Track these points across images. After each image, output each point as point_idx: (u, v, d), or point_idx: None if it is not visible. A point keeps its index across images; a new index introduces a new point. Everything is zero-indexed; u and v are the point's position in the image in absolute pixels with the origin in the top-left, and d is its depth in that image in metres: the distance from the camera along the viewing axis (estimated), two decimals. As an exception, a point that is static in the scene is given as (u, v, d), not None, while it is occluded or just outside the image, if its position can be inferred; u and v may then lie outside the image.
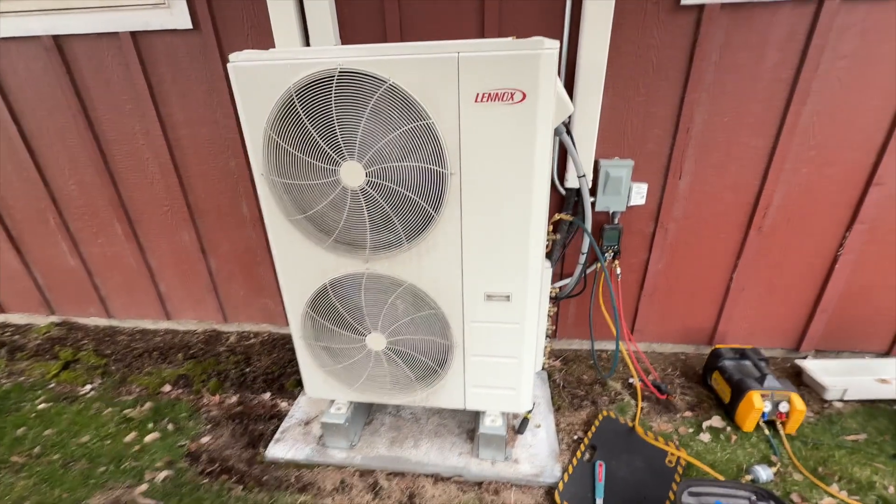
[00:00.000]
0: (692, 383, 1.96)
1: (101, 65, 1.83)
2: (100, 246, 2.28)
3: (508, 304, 1.32)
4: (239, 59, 1.12)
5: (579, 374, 2.04)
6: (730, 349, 1.88)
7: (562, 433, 1.72)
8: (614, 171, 1.71)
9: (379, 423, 1.75)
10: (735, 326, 2.07)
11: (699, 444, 1.65)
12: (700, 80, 1.60)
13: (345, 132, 1.11)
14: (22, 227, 2.28)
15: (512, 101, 1.06)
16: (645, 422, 1.76)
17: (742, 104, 1.63)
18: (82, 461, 1.65)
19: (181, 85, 1.83)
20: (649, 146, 1.74)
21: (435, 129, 1.09)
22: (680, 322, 2.10)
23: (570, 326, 2.16)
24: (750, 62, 1.57)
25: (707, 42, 1.54)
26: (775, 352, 2.12)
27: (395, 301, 1.35)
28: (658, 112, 1.67)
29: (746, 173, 1.74)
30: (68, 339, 2.42)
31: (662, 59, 1.59)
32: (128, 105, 1.89)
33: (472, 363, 1.43)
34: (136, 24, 1.72)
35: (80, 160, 2.04)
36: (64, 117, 1.94)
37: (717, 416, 1.76)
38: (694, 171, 1.76)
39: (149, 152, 1.98)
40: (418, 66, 1.04)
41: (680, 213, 1.84)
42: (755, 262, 1.89)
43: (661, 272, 1.98)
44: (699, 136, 1.69)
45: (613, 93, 1.65)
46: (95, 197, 2.13)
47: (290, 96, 1.10)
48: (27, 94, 1.92)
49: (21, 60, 1.85)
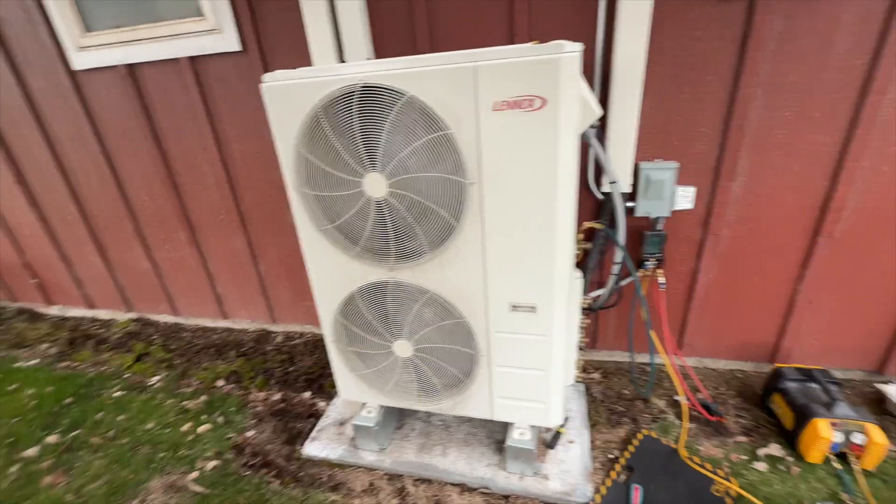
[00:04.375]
0: (749, 405, 1.78)
1: (165, 88, 2.03)
2: (167, 251, 2.52)
3: (534, 315, 1.28)
4: (271, 79, 1.19)
5: (620, 388, 1.93)
6: (794, 369, 1.68)
7: (596, 451, 1.63)
8: (656, 175, 1.61)
9: (409, 429, 1.77)
10: (803, 343, 1.85)
11: (754, 473, 1.49)
12: (754, 73, 1.45)
13: (367, 144, 1.14)
14: (105, 233, 2.58)
15: (532, 108, 1.03)
16: (691, 444, 1.63)
17: (806, 97, 1.46)
18: (146, 446, 1.83)
19: (231, 103, 1.98)
20: (696, 147, 1.61)
21: (454, 139, 1.09)
22: (736, 336, 1.92)
23: (610, 338, 2.05)
24: (815, 50, 1.40)
25: (762, 31, 1.40)
26: (853, 374, 1.87)
27: (421, 309, 1.37)
28: (706, 110, 1.55)
29: (812, 173, 1.56)
30: (142, 334, 2.70)
31: (709, 52, 1.46)
32: (188, 123, 2.08)
33: (499, 374, 1.41)
34: (194, 49, 1.89)
35: (150, 174, 2.27)
36: (136, 136, 2.17)
37: (777, 443, 1.58)
38: (749, 172, 1.60)
39: (206, 166, 2.16)
40: (436, 77, 1.05)
41: (733, 217, 1.69)
42: (826, 271, 1.69)
43: (712, 282, 1.82)
44: (754, 133, 1.54)
45: (654, 92, 1.54)
46: (163, 207, 2.36)
47: (316, 112, 1.15)
48: (107, 116, 2.17)
49: (102, 88, 2.10)
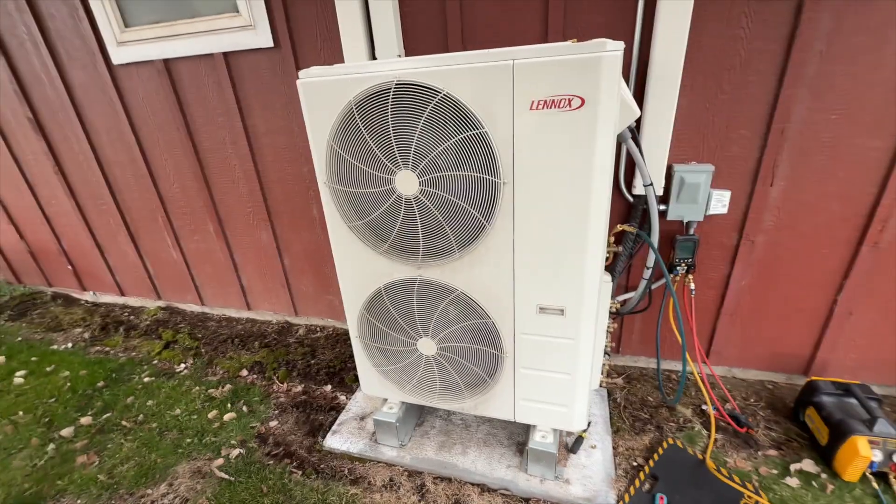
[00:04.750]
0: (780, 417, 1.72)
1: (199, 83, 2.07)
2: (196, 242, 2.58)
3: (562, 318, 1.26)
4: (306, 76, 1.20)
5: (644, 394, 1.90)
6: (830, 383, 1.62)
7: (619, 457, 1.60)
8: (690, 178, 1.56)
9: (430, 426, 1.77)
10: (840, 356, 1.78)
11: (785, 489, 1.44)
12: (800, 74, 1.39)
13: (400, 142, 1.14)
14: (138, 223, 2.66)
15: (570, 108, 1.01)
16: (718, 456, 1.58)
17: (855, 99, 1.40)
18: (174, 431, 1.89)
19: (263, 98, 2.01)
20: (734, 149, 1.56)
21: (488, 138, 1.08)
22: (768, 346, 1.86)
23: (634, 343, 2.01)
24: (868, 49, 1.34)
25: (810, 29, 1.34)
26: (894, 390, 1.78)
27: (447, 307, 1.36)
28: (745, 111, 1.49)
29: (859, 180, 1.49)
30: (170, 322, 2.78)
31: (752, 51, 1.41)
32: (220, 118, 2.12)
33: (523, 376, 1.39)
34: (228, 45, 1.92)
35: (182, 167, 2.33)
36: (170, 129, 2.23)
37: (810, 459, 1.53)
38: (789, 177, 1.54)
39: (236, 159, 2.20)
40: (472, 75, 1.04)
41: (771, 224, 1.63)
42: (868, 282, 1.61)
43: (745, 289, 1.76)
44: (797, 136, 1.48)
45: (691, 91, 1.50)
46: (193, 199, 2.42)
47: (350, 109, 1.16)
48: (143, 110, 2.23)
49: (139, 82, 2.16)
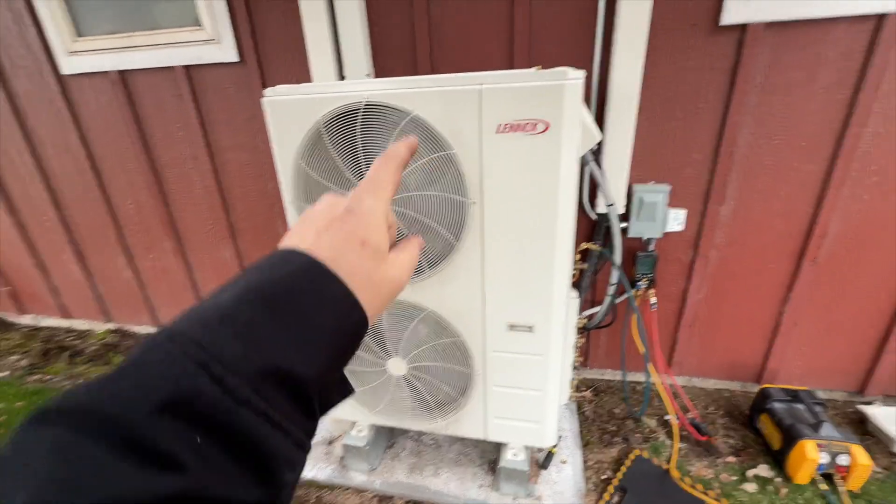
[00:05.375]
0: (737, 424, 1.81)
1: (158, 96, 1.99)
2: (151, 260, 2.45)
3: (532, 335, 1.28)
4: (273, 94, 1.18)
5: (611, 406, 1.94)
6: (780, 390, 1.72)
7: (589, 471, 1.63)
8: (649, 197, 1.64)
9: (400, 448, 1.73)
10: (788, 364, 1.90)
11: (743, 494, 1.51)
12: (743, 103, 1.51)
13: (369, 162, 1.13)
14: (86, 241, 2.50)
15: (535, 132, 1.04)
16: (682, 465, 1.63)
17: (793, 126, 1.52)
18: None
19: (227, 113, 1.95)
20: (688, 171, 1.65)
21: (456, 159, 1.10)
22: (724, 356, 1.95)
23: (601, 356, 2.07)
24: (801, 82, 1.47)
25: (750, 63, 1.46)
26: (836, 395, 1.92)
27: (417, 327, 1.35)
28: (697, 136, 1.59)
29: (798, 200, 1.62)
30: (121, 346, 2.60)
31: (701, 81, 1.52)
32: (180, 132, 2.04)
33: (494, 393, 1.39)
34: (191, 58, 1.87)
35: (137, 182, 2.22)
36: (125, 143, 2.12)
37: (765, 463, 1.60)
38: (738, 197, 1.65)
39: (196, 175, 2.12)
40: (440, 98, 1.05)
41: (722, 240, 1.73)
42: (810, 295, 1.74)
43: (701, 302, 1.86)
44: (743, 160, 1.59)
45: (648, 117, 1.59)
46: (149, 216, 2.30)
47: (318, 128, 1.15)
48: (96, 123, 2.12)
49: (92, 93, 2.05)
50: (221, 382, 0.25)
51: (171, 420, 0.23)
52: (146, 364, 0.25)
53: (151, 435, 0.22)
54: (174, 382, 0.24)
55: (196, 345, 0.25)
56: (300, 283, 0.30)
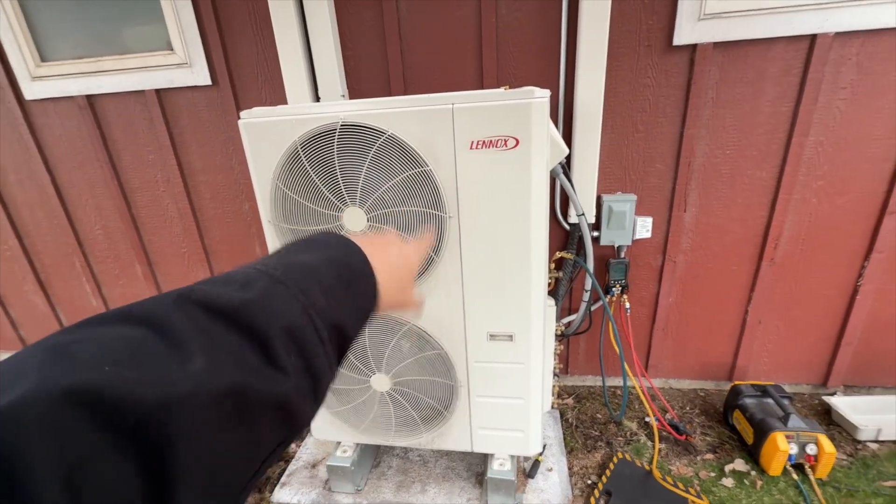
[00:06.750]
0: (713, 422, 1.87)
1: (128, 120, 1.97)
2: (121, 287, 2.37)
3: (512, 343, 1.31)
4: (249, 116, 1.19)
5: (593, 412, 1.98)
6: (750, 386, 1.79)
7: (575, 477, 1.65)
8: (617, 206, 1.72)
9: (386, 466, 1.71)
10: (756, 361, 1.99)
11: (722, 489, 1.56)
12: (698, 116, 1.62)
13: (347, 180, 1.16)
14: (49, 270, 2.40)
15: (506, 148, 1.09)
16: (663, 465, 1.68)
17: (744, 137, 1.64)
18: None
19: (200, 135, 1.94)
20: (652, 180, 1.75)
21: (433, 175, 1.13)
22: (696, 357, 2.03)
23: (581, 363, 2.11)
24: (748, 97, 1.59)
25: (702, 80, 1.57)
26: (802, 388, 2.01)
27: (399, 341, 1.36)
28: (658, 148, 1.69)
29: (753, 205, 1.73)
30: (88, 379, 2.47)
31: (659, 97, 1.62)
32: (151, 155, 2.01)
33: (478, 404, 1.41)
34: (162, 82, 1.86)
35: (105, 207, 2.16)
36: (93, 168, 2.07)
37: (741, 458, 1.66)
38: (699, 204, 1.75)
39: (168, 198, 2.09)
40: (415, 117, 1.09)
41: (687, 245, 1.82)
42: (770, 294, 1.84)
43: (672, 305, 1.94)
44: (701, 169, 1.70)
45: (612, 131, 1.68)
46: (118, 241, 2.24)
47: (295, 148, 1.16)
48: (61, 148, 2.07)
49: (57, 118, 2.00)
50: (314, 324, 0.37)
51: (283, 341, 0.34)
52: (273, 297, 0.35)
53: (276, 347, 0.33)
54: (289, 318, 0.35)
55: (302, 293, 0.37)
56: (361, 272, 0.46)
